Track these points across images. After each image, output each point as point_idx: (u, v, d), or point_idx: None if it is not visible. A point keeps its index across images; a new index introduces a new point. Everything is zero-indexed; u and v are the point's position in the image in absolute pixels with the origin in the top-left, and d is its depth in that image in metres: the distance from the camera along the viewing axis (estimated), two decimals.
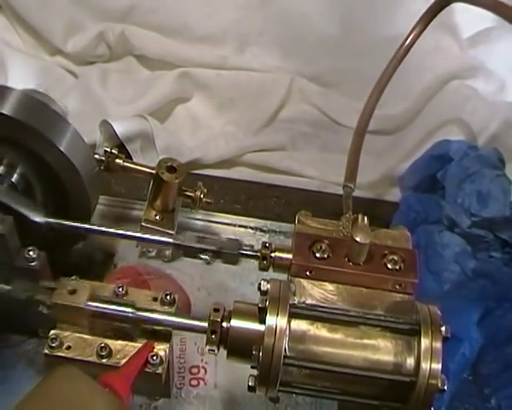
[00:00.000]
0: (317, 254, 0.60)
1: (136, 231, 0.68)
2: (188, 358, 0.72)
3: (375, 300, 0.59)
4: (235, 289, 0.78)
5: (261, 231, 0.83)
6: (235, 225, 0.82)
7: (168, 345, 0.61)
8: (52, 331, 0.61)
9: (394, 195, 0.90)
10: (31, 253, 0.64)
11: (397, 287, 0.60)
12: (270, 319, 0.55)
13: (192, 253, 0.65)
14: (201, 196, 0.75)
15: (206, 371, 0.71)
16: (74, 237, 0.72)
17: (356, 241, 0.58)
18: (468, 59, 0.96)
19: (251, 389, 0.58)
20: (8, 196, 0.65)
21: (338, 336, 0.56)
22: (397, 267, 0.60)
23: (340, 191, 0.89)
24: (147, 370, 0.60)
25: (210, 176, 0.88)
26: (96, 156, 0.73)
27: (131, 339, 0.61)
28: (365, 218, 0.60)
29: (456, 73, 0.94)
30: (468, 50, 0.97)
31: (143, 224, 0.75)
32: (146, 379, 0.62)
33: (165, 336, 0.61)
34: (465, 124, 0.89)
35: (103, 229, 0.67)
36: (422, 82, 0.96)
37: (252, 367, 0.60)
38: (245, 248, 0.67)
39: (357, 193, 0.89)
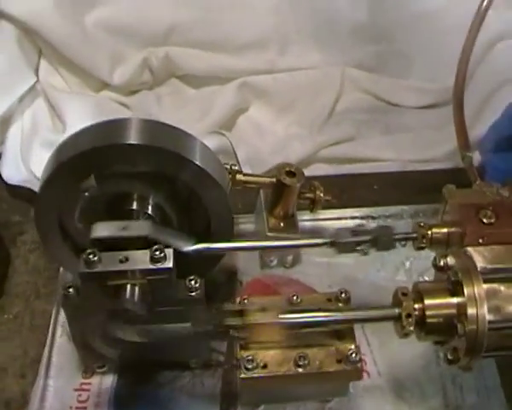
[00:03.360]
0: (485, 221, 0.62)
1: (284, 239, 0.68)
2: None
3: None
4: (363, 280, 0.79)
5: (372, 218, 0.84)
6: (346, 218, 0.83)
7: (356, 343, 0.62)
8: (245, 353, 0.60)
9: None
10: (192, 282, 0.64)
11: None
12: (468, 289, 0.57)
13: (349, 248, 0.66)
14: (321, 194, 0.75)
15: (366, 363, 0.71)
16: (215, 259, 0.71)
17: None
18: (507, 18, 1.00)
19: (451, 362, 0.59)
20: (155, 230, 0.64)
21: None
22: None
23: (421, 167, 0.92)
24: (345, 367, 0.60)
25: None
26: None
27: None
28: None
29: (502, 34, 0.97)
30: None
31: (269, 234, 0.75)
32: (341, 378, 0.62)
33: (350, 335, 0.62)
34: None
35: (255, 244, 0.66)
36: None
37: (436, 343, 0.62)
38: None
39: (437, 166, 0.92)
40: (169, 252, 0.62)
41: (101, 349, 0.66)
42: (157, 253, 0.61)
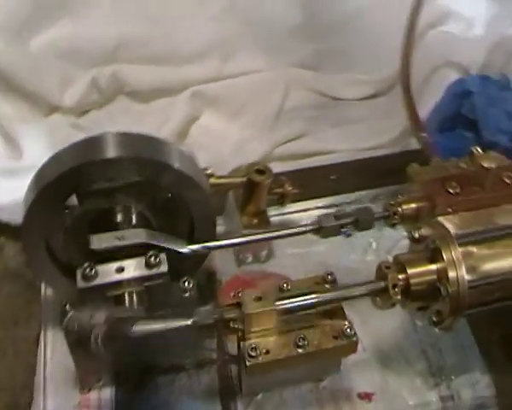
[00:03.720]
0: (451, 191, 0.68)
1: (272, 231, 0.71)
2: None
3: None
4: (336, 264, 0.82)
5: (336, 206, 0.88)
6: (312, 209, 0.87)
7: (347, 319, 0.65)
8: (248, 342, 0.62)
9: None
10: (186, 283, 0.66)
11: None
12: (447, 254, 0.62)
13: (333, 231, 0.70)
14: (290, 188, 0.79)
15: None
16: (199, 261, 0.74)
17: (485, 168, 0.66)
18: (435, 8, 1.06)
19: (436, 323, 0.64)
20: (150, 236, 0.65)
21: (497, 250, 0.64)
22: None
23: (372, 154, 0.98)
24: (342, 343, 0.64)
25: None
26: None
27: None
28: (478, 149, 0.70)
29: (430, 23, 1.04)
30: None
31: (245, 232, 0.77)
32: (338, 353, 0.66)
33: (341, 313, 0.65)
34: (455, 64, 0.99)
35: (247, 239, 0.69)
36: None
37: (419, 309, 0.67)
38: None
39: (386, 151, 0.98)
40: (163, 256, 0.64)
41: (103, 360, 0.67)
42: (152, 258, 0.63)
